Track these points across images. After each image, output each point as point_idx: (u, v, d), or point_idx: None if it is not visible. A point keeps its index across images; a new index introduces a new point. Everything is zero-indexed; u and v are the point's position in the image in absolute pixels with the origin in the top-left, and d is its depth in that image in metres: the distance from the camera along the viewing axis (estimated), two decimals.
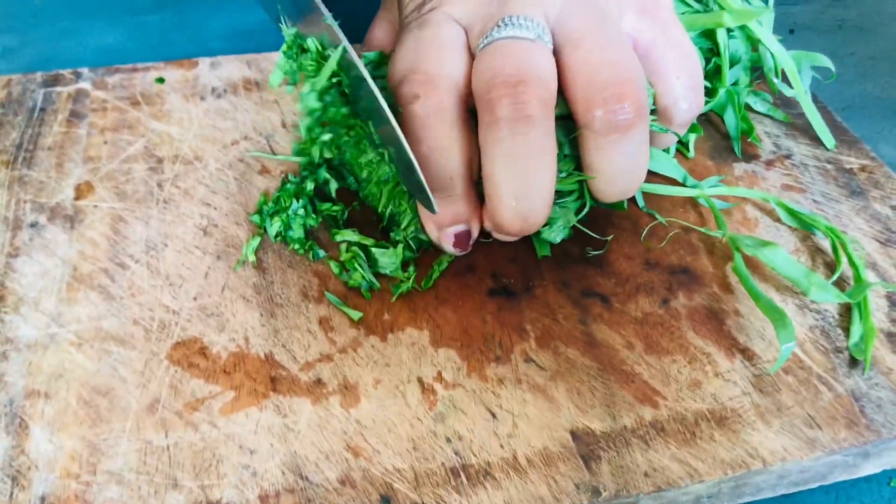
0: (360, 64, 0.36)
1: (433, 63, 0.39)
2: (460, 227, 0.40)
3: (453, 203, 0.39)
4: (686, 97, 0.42)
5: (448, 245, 0.40)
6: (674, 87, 0.41)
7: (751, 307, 0.40)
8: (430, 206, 0.37)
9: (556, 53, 0.39)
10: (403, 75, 0.39)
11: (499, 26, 0.38)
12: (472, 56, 0.40)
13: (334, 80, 0.37)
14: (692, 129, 0.47)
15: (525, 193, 0.37)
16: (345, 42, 0.36)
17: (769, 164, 0.49)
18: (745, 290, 0.40)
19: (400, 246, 0.40)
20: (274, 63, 0.54)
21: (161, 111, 0.51)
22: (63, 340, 0.38)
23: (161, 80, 0.54)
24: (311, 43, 0.39)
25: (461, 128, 0.38)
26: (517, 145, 0.36)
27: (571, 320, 0.40)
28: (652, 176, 0.46)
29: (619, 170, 0.38)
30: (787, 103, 0.53)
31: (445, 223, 0.40)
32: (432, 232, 0.40)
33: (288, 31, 0.40)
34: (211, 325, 0.39)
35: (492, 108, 0.36)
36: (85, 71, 0.55)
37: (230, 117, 0.51)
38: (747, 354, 0.38)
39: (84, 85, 0.53)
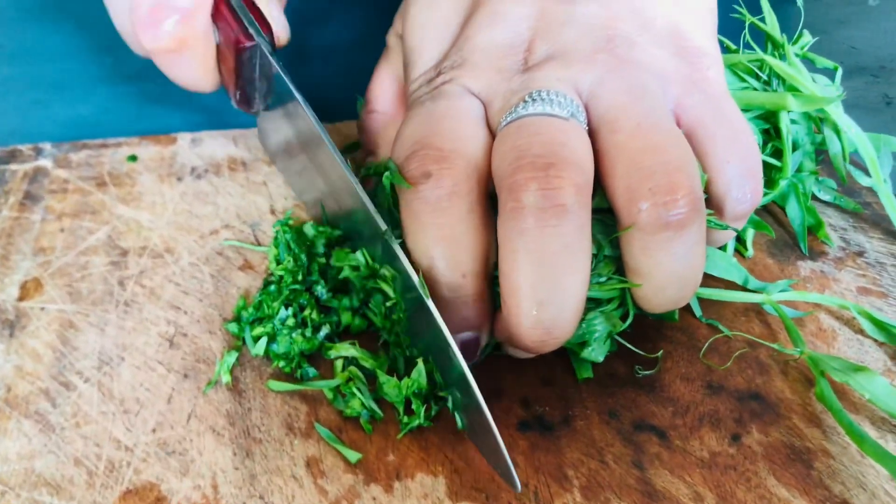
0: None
1: (448, 138, 0.32)
2: (468, 335, 0.32)
3: (463, 306, 0.32)
4: (741, 186, 0.34)
5: (457, 354, 0.33)
6: (725, 174, 0.34)
7: (842, 446, 0.32)
8: (511, 482, 0.30)
9: (591, 136, 0.32)
10: (412, 150, 0.32)
11: (525, 101, 0.32)
12: (492, 134, 0.33)
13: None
14: (754, 224, 0.40)
15: (550, 299, 0.30)
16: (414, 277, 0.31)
17: (839, 262, 0.42)
18: (839, 426, 0.32)
19: (415, 375, 0.33)
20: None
21: (130, 194, 0.44)
22: None
23: (133, 158, 0.47)
24: (361, 257, 0.35)
25: (479, 215, 0.31)
26: (545, 240, 0.29)
27: (623, 463, 0.32)
28: (707, 279, 0.39)
29: (671, 275, 0.31)
30: (849, 191, 0.46)
31: (456, 329, 0.32)
32: None
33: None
34: (171, 467, 0.31)
35: (516, 193, 0.29)
36: (47, 146, 0.48)
37: (210, 202, 0.44)
38: None
39: (44, 162, 0.46)
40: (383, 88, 0.40)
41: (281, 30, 0.39)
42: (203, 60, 0.38)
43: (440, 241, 0.31)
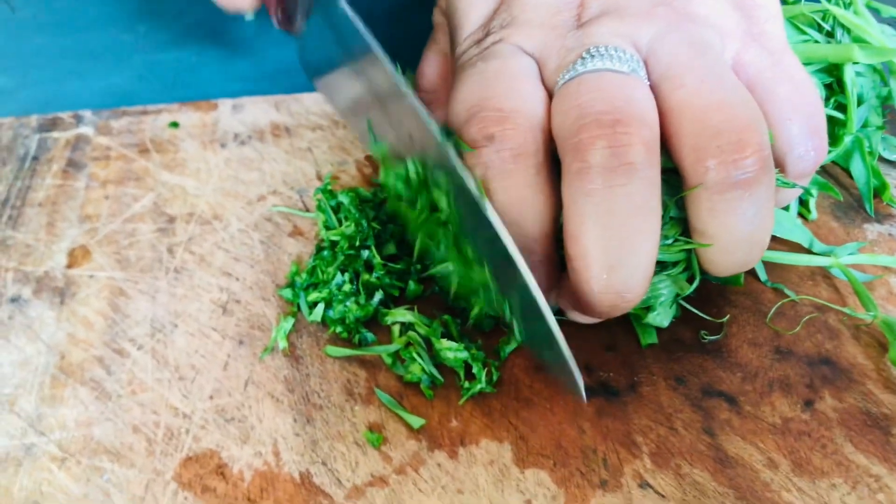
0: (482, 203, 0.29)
1: (507, 98, 0.31)
2: None
3: (533, 270, 0.31)
4: (803, 143, 0.33)
5: None
6: (788, 131, 0.33)
7: None
8: (578, 391, 0.29)
9: (653, 93, 0.31)
10: (471, 113, 0.31)
11: (583, 58, 0.31)
12: (549, 93, 0.32)
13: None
14: (819, 185, 0.39)
15: (621, 262, 0.28)
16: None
17: None
18: None
19: (471, 347, 0.32)
20: (305, 104, 0.46)
21: (174, 160, 0.43)
22: (42, 454, 0.30)
23: (175, 125, 0.46)
24: (412, 167, 0.32)
25: (544, 175, 0.30)
26: (614, 200, 0.28)
27: (693, 429, 0.31)
28: (772, 241, 0.37)
29: (739, 236, 0.30)
30: None
31: None
32: None
33: (379, 148, 0.34)
34: (231, 434, 0.30)
35: (582, 153, 0.28)
36: (87, 114, 0.47)
37: (256, 168, 0.43)
38: None
39: (85, 130, 0.46)
40: (432, 68, 0.39)
41: None
42: None
43: (509, 204, 0.30)
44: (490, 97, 0.31)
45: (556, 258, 0.32)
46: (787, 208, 0.39)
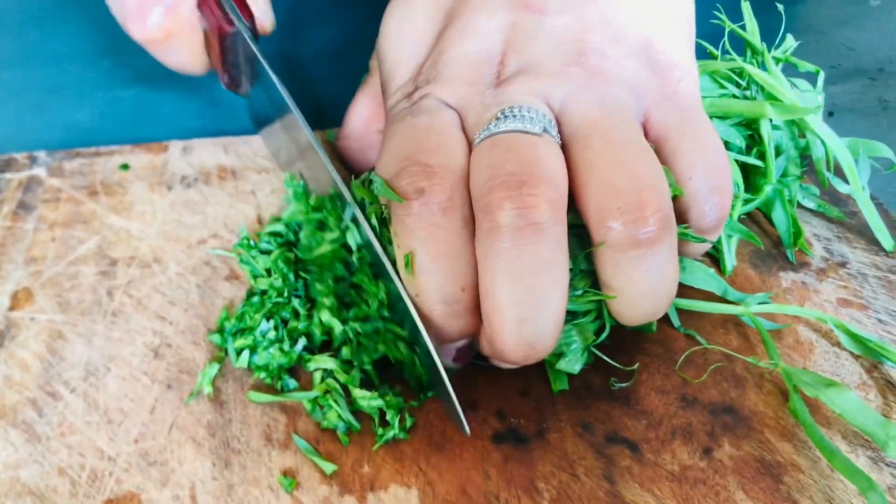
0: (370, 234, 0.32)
1: (434, 153, 0.32)
2: (464, 343, 0.33)
3: (463, 317, 0.32)
4: (705, 200, 0.34)
5: (448, 359, 0.33)
6: (689, 188, 0.34)
7: (813, 460, 0.33)
8: (461, 427, 0.32)
9: (564, 150, 0.32)
10: (401, 167, 0.32)
11: (498, 118, 0.32)
12: (469, 145, 0.33)
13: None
14: (741, 232, 0.40)
15: (531, 316, 0.30)
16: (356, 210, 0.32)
17: (821, 273, 0.42)
18: (810, 440, 0.33)
19: (387, 394, 0.34)
20: (252, 147, 0.48)
21: (121, 203, 0.45)
22: None
23: (125, 167, 0.48)
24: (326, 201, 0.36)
25: (471, 227, 0.31)
26: (522, 258, 0.29)
27: (594, 476, 0.32)
28: (686, 289, 0.39)
29: (644, 290, 0.32)
30: (835, 199, 0.46)
31: (451, 338, 0.33)
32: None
33: (292, 183, 0.38)
34: (152, 477, 0.32)
35: (491, 213, 0.30)
36: (42, 155, 0.49)
37: (199, 211, 0.45)
38: None
39: (38, 171, 0.47)
40: (359, 114, 0.41)
41: (264, 17, 0.42)
42: (190, 47, 0.41)
43: (439, 256, 0.31)
44: (419, 152, 0.32)
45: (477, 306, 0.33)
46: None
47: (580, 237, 0.33)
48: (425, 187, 0.31)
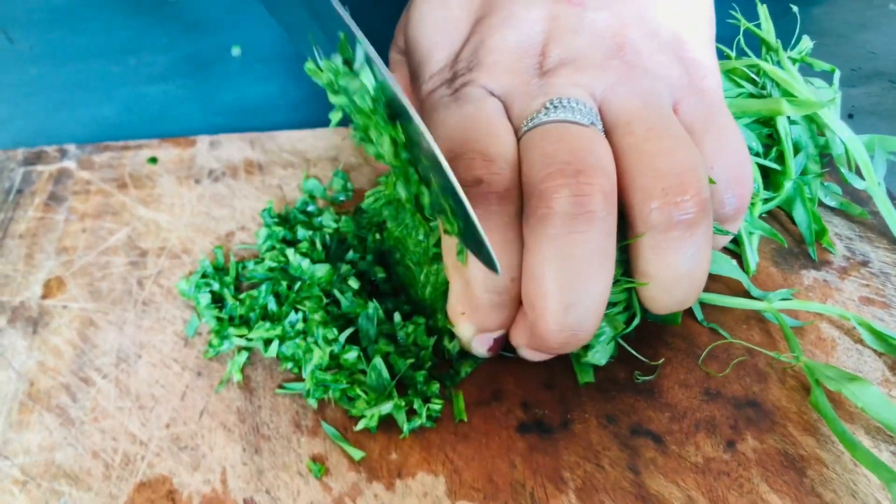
0: (408, 106, 0.29)
1: (489, 143, 0.32)
2: (501, 333, 0.34)
3: (507, 307, 0.33)
4: (723, 190, 0.35)
5: (483, 349, 0.34)
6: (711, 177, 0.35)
7: (836, 454, 0.33)
8: (492, 265, 0.29)
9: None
10: (456, 154, 0.32)
11: (547, 108, 0.33)
12: (516, 135, 0.34)
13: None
14: (764, 230, 0.41)
15: (578, 302, 0.30)
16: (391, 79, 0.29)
17: (843, 271, 0.42)
18: (833, 435, 0.33)
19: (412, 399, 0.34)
20: (278, 142, 0.49)
21: (150, 196, 0.46)
22: (5, 477, 0.32)
23: (154, 161, 0.48)
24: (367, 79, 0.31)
25: (520, 218, 0.32)
26: (574, 246, 0.30)
27: (619, 466, 0.33)
28: (709, 284, 0.39)
29: (679, 274, 0.32)
30: (857, 197, 0.46)
31: (492, 328, 0.34)
32: (466, 331, 0.34)
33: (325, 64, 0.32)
34: (183, 461, 0.32)
35: (547, 199, 0.30)
36: (71, 148, 0.49)
37: (227, 204, 0.45)
38: None
39: (68, 164, 0.48)
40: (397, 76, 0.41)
41: None
42: None
43: (493, 244, 0.30)
44: (473, 140, 0.33)
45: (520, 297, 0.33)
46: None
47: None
48: (483, 176, 0.31)
